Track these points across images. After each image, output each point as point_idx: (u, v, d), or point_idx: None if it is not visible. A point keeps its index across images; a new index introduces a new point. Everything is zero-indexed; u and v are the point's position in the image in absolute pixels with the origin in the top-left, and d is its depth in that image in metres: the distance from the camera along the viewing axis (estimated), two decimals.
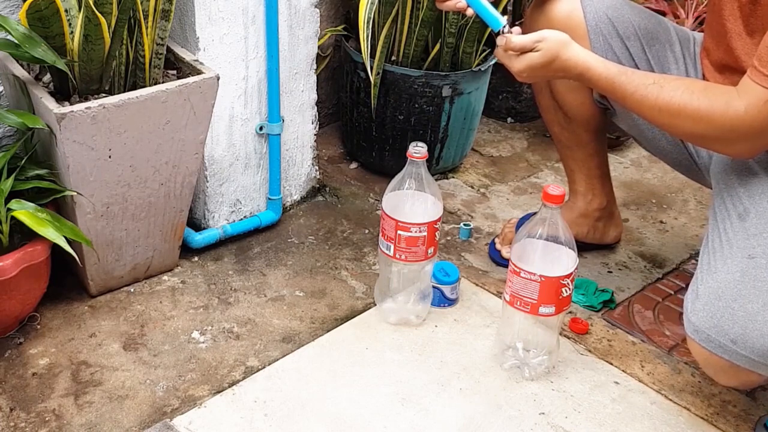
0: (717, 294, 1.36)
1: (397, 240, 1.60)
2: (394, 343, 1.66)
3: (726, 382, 1.45)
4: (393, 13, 2.03)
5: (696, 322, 1.38)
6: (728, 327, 1.34)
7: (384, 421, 1.48)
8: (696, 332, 1.38)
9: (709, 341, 1.36)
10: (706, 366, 1.41)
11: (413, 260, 1.62)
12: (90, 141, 1.53)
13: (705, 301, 1.37)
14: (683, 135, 1.51)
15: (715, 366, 1.39)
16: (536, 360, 1.58)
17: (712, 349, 1.35)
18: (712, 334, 1.35)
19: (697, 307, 1.38)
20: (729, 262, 1.38)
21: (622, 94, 1.46)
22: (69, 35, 1.53)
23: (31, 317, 1.65)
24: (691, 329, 1.39)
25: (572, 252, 1.51)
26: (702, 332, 1.37)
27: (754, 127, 1.34)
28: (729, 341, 1.34)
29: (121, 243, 1.69)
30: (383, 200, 1.63)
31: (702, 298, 1.38)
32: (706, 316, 1.36)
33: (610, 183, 1.91)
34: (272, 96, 1.89)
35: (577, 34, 1.65)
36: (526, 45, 1.46)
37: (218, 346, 1.64)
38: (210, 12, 1.74)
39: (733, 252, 1.39)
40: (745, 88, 1.34)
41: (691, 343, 1.40)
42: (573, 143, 1.83)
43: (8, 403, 1.48)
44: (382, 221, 1.63)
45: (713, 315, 1.35)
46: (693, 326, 1.38)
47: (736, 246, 1.40)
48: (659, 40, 1.67)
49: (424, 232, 1.60)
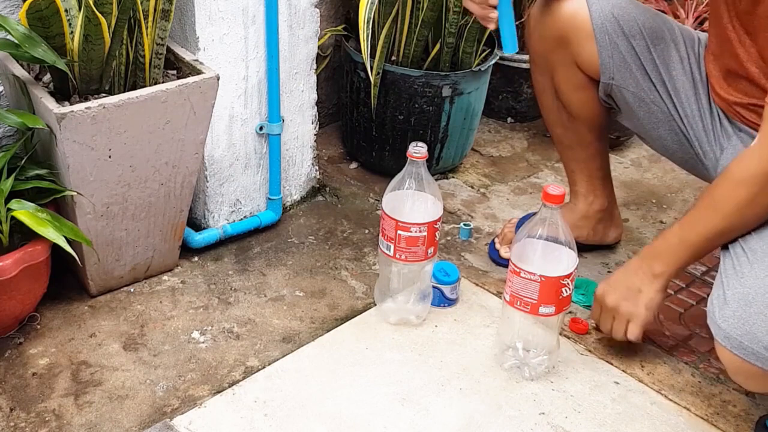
0: (747, 300, 1.33)
1: (397, 240, 1.60)
2: (394, 343, 1.66)
3: (755, 388, 1.42)
4: (393, 13, 2.03)
5: (727, 329, 1.34)
6: (761, 334, 1.31)
7: (384, 421, 1.48)
8: (727, 339, 1.34)
9: (742, 348, 1.32)
10: (737, 373, 1.38)
11: (413, 260, 1.62)
12: (90, 141, 1.53)
13: (735, 307, 1.34)
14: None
15: (746, 373, 1.35)
16: (536, 360, 1.58)
17: (745, 356, 1.32)
18: (745, 341, 1.32)
19: (726, 314, 1.35)
20: (756, 267, 1.36)
21: (714, 230, 1.45)
22: (69, 35, 1.53)
23: (31, 317, 1.65)
24: (721, 336, 1.35)
25: (572, 252, 1.51)
26: (734, 339, 1.33)
27: None
28: (762, 348, 1.31)
29: (121, 243, 1.69)
30: (383, 200, 1.63)
31: (731, 304, 1.35)
32: (737, 323, 1.33)
33: (611, 184, 1.91)
34: (272, 96, 1.89)
35: (582, 33, 1.64)
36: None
37: (218, 346, 1.64)
38: (210, 12, 1.74)
39: (757, 257, 1.37)
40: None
41: (722, 351, 1.36)
42: (575, 143, 1.83)
43: (8, 403, 1.48)
44: (382, 221, 1.63)
45: (745, 321, 1.32)
46: (723, 333, 1.35)
47: (761, 251, 1.38)
48: (664, 39, 1.66)
49: (424, 232, 1.60)
